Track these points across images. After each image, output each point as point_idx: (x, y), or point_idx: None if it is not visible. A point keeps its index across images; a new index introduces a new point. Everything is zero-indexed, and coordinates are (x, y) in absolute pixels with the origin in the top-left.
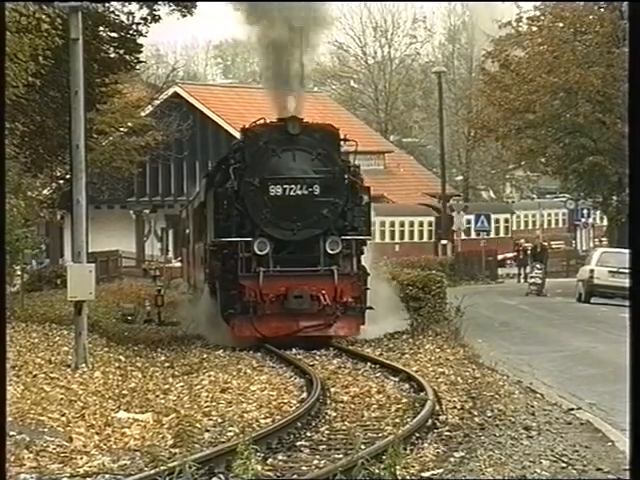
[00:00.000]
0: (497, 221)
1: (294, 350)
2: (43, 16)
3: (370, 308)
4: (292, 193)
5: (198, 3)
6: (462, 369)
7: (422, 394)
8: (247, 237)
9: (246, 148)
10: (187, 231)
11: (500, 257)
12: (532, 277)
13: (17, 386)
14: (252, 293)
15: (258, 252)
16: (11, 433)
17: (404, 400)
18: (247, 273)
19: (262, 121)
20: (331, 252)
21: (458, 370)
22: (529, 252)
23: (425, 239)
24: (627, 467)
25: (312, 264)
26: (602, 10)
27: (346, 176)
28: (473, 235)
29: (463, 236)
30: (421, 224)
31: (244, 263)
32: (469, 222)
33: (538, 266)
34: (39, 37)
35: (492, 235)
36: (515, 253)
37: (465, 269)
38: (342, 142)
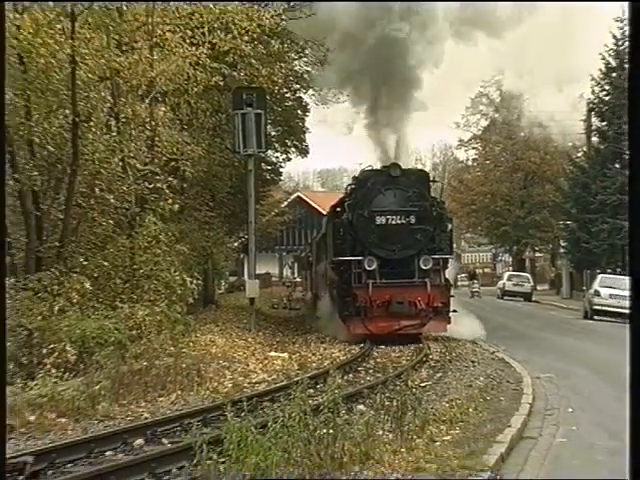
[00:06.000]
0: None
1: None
2: (235, 160)
3: (455, 311)
4: (393, 222)
5: (311, 151)
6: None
7: (420, 345)
8: (359, 256)
9: (357, 189)
10: (310, 258)
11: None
12: (472, 288)
13: (222, 339)
14: (363, 300)
15: (367, 268)
16: (221, 362)
17: (412, 348)
18: (359, 284)
19: (369, 167)
20: (424, 267)
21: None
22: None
23: None
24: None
25: (409, 277)
26: (507, 155)
27: (434, 209)
28: None
29: None
30: None
31: (356, 276)
32: None
33: (475, 282)
34: (233, 169)
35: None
36: (467, 274)
37: None
38: (432, 183)
